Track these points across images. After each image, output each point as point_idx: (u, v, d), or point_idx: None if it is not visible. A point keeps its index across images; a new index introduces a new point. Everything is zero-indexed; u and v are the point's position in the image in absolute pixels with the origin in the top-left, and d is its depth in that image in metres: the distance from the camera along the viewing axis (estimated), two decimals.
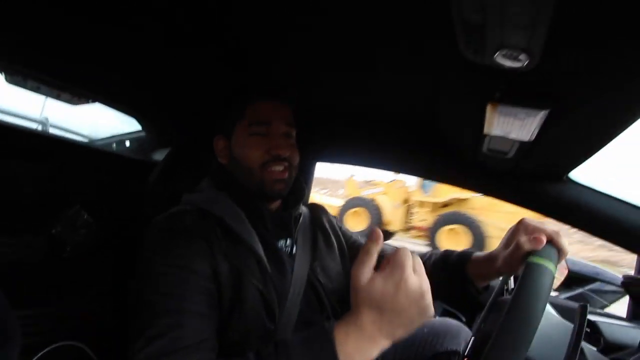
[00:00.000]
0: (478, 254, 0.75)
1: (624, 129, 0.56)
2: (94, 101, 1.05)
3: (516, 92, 0.50)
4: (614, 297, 1.08)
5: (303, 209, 0.84)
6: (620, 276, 0.93)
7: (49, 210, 0.89)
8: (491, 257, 0.68)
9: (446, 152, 0.92)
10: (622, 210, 0.80)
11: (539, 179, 0.86)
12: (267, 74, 0.86)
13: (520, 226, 0.62)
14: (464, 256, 0.75)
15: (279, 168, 0.72)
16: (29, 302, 0.77)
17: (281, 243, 0.75)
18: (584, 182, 0.85)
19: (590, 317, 0.75)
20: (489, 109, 0.56)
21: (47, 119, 1.84)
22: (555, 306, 0.99)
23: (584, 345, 0.50)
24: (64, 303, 0.84)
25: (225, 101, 0.79)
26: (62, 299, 0.84)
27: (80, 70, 0.91)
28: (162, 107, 1.10)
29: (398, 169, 1.13)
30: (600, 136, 0.60)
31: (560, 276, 1.03)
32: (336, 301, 0.76)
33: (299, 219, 0.80)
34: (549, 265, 0.48)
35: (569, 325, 0.53)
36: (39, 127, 1.61)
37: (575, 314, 0.49)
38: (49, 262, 0.85)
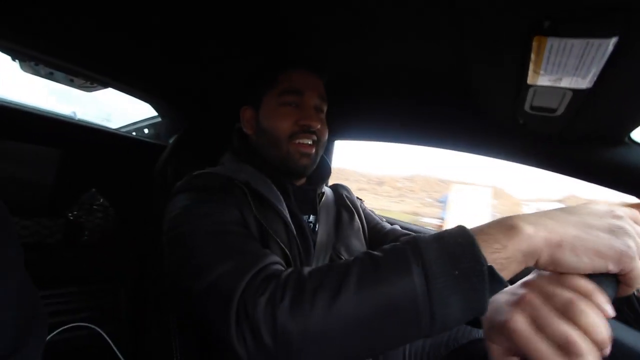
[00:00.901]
0: None
1: None
2: (106, 86, 1.04)
3: (573, 17, 0.39)
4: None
5: (326, 189, 0.81)
6: None
7: (67, 194, 0.89)
8: None
9: (481, 118, 0.81)
10: None
11: (594, 142, 0.73)
12: (301, 41, 0.79)
13: None
14: None
15: (307, 141, 0.69)
16: (47, 283, 0.77)
17: (304, 218, 0.71)
18: None
19: None
20: (534, 45, 0.45)
21: (74, 113, 1.89)
22: None
23: None
24: (80, 286, 0.84)
25: (257, 69, 0.75)
26: (79, 283, 0.84)
27: (93, 55, 0.89)
28: (177, 90, 1.07)
29: (426, 143, 1.02)
30: None
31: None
32: None
33: (322, 197, 0.77)
34: None
35: None
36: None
37: None
38: (68, 245, 0.85)
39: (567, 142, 0.75)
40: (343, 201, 0.83)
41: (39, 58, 0.91)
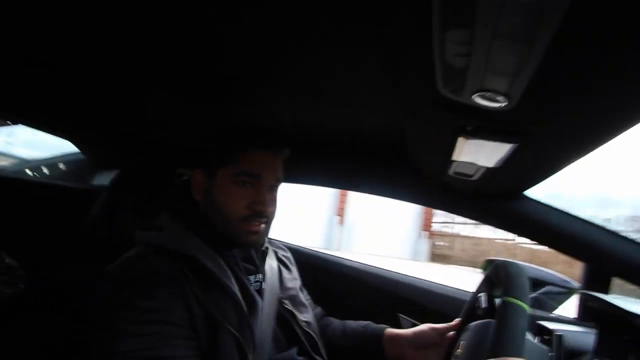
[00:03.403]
0: (390, 330, 0.83)
1: (584, 155, 0.59)
2: (15, 123, 0.90)
3: (488, 128, 0.50)
4: (563, 298, 1.16)
5: (267, 244, 0.81)
6: (566, 278, 1.00)
7: None
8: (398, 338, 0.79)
9: (411, 173, 0.93)
10: (571, 222, 0.87)
11: (498, 197, 0.90)
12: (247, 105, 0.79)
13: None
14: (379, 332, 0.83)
15: (257, 223, 0.68)
16: None
17: (251, 279, 0.72)
18: (537, 198, 0.91)
19: (546, 323, 0.79)
20: (459, 140, 0.56)
21: None
22: None
23: None
24: None
25: (214, 140, 0.72)
26: None
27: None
28: (103, 127, 0.97)
29: (362, 189, 1.12)
30: (561, 161, 0.64)
31: None
32: (309, 330, 0.76)
33: (266, 253, 0.78)
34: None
35: (544, 350, 0.55)
36: None
37: (553, 343, 0.51)
38: None
39: (478, 197, 0.91)
40: (278, 255, 0.85)
41: None
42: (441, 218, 8.37)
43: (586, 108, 0.42)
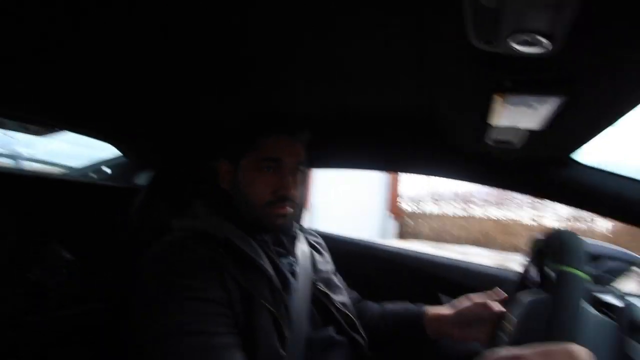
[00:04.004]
0: (431, 309, 0.80)
1: (632, 108, 0.53)
2: (62, 130, 0.97)
3: (529, 80, 0.46)
4: (624, 273, 1.07)
5: (297, 230, 0.83)
6: (626, 251, 0.91)
7: (25, 255, 0.81)
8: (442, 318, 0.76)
9: (445, 145, 0.89)
10: (629, 187, 0.78)
11: (542, 163, 0.83)
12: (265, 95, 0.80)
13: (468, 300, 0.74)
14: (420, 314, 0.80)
15: (283, 207, 0.70)
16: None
17: (283, 261, 0.73)
18: (587, 162, 0.83)
19: (607, 297, 0.73)
20: (497, 99, 0.51)
21: (17, 152, 1.72)
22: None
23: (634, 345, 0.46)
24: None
25: (236, 129, 0.74)
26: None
27: (45, 99, 0.83)
28: (140, 129, 1.02)
29: (395, 168, 1.09)
30: (608, 118, 0.57)
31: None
32: (345, 310, 0.76)
33: (296, 238, 0.80)
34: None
35: (608, 322, 0.50)
36: (10, 162, 1.50)
37: (617, 314, 0.46)
38: (32, 316, 0.77)
39: (520, 165, 0.84)
40: (309, 241, 0.87)
41: None
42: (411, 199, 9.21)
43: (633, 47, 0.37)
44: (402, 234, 8.61)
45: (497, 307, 0.71)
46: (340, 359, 0.70)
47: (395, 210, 8.62)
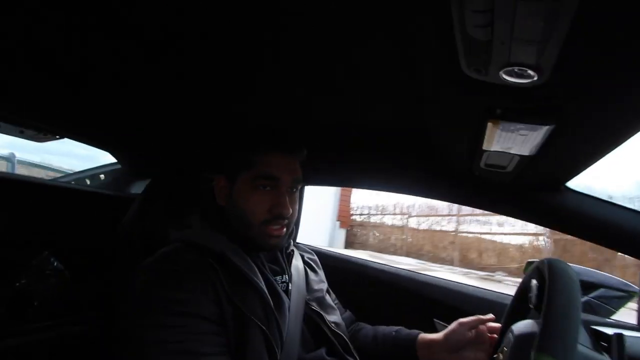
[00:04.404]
0: (423, 335, 0.80)
1: (627, 139, 0.54)
2: (61, 137, 0.98)
3: (520, 108, 0.47)
4: (620, 303, 1.06)
5: (292, 247, 0.83)
6: (624, 281, 0.91)
7: (14, 263, 0.80)
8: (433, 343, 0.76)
9: (439, 168, 0.89)
10: (623, 216, 0.79)
11: (536, 189, 0.83)
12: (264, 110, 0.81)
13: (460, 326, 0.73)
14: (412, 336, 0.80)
15: (278, 227, 0.69)
16: None
17: (277, 279, 0.72)
18: (581, 190, 0.83)
19: (602, 328, 0.71)
20: (489, 126, 0.52)
21: (13, 155, 1.72)
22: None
23: None
24: None
25: (233, 147, 0.74)
26: None
27: (44, 105, 0.84)
28: (137, 138, 1.03)
29: (388, 188, 1.09)
30: (602, 147, 0.58)
31: None
32: (338, 330, 0.75)
33: (292, 255, 0.79)
34: None
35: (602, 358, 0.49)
36: (5, 164, 1.50)
37: (612, 345, 0.46)
38: (12, 319, 0.75)
39: (514, 190, 0.85)
40: (304, 258, 0.86)
41: None
42: (359, 210, 9.87)
43: (628, 78, 0.38)
44: (351, 244, 9.06)
45: (489, 333, 0.70)
46: None
47: (344, 219, 8.95)
